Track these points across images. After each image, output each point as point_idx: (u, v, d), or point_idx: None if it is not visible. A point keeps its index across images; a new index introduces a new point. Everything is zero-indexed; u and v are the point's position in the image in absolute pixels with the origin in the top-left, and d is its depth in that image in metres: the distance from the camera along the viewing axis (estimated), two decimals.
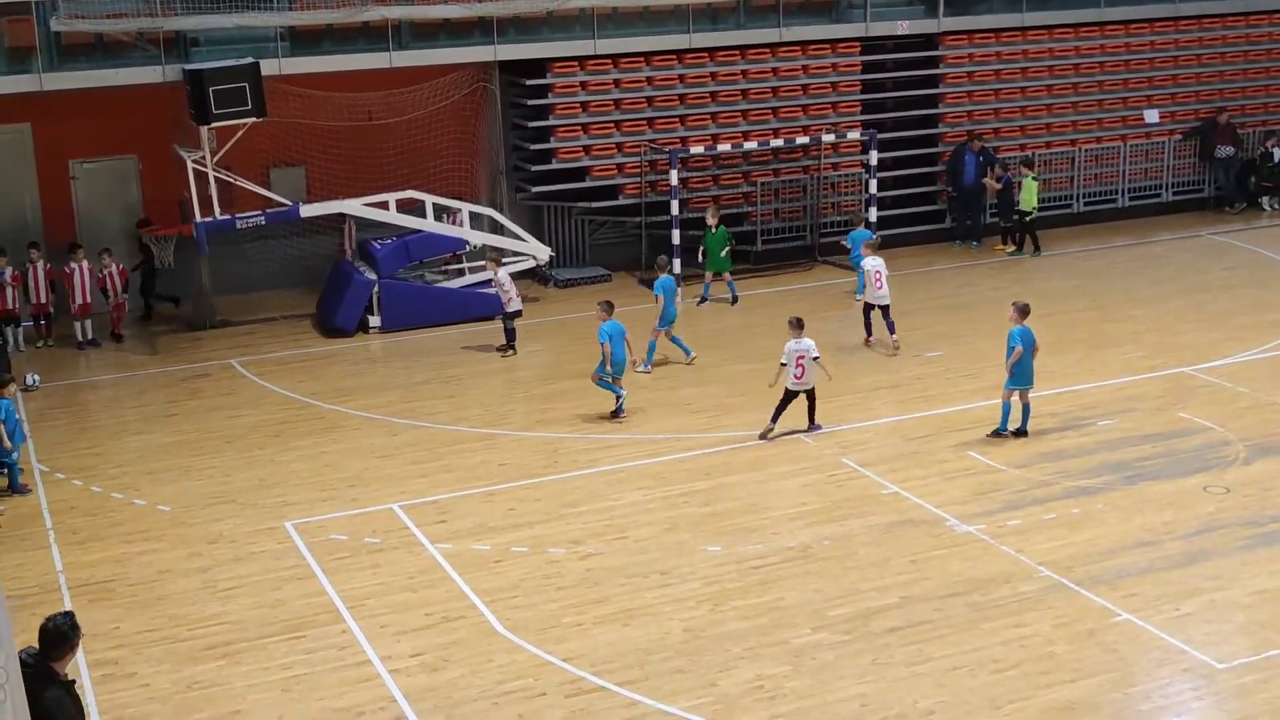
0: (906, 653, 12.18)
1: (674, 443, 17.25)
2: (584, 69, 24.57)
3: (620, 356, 17.97)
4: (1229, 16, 29.00)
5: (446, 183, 24.27)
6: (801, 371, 17.13)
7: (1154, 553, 13.96)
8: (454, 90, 24.24)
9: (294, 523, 15.26)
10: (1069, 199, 28.02)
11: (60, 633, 8.86)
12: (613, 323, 17.98)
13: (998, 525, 14.63)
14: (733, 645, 12.41)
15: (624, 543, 14.53)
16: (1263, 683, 11.58)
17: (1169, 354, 19.99)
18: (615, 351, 17.89)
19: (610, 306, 18.22)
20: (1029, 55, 27.60)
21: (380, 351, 21.66)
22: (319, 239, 24.02)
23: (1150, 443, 16.76)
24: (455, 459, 16.98)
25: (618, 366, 17.95)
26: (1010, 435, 16.96)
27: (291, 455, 17.26)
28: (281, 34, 22.62)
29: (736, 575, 13.72)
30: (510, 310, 20.94)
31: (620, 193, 25.01)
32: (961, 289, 23.93)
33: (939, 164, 27.04)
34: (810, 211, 25.98)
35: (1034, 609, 12.89)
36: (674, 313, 20.18)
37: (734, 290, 23.25)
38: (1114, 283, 23.99)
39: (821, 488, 15.79)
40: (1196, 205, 28.90)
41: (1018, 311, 17.09)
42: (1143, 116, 28.48)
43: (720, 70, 25.38)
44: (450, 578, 13.85)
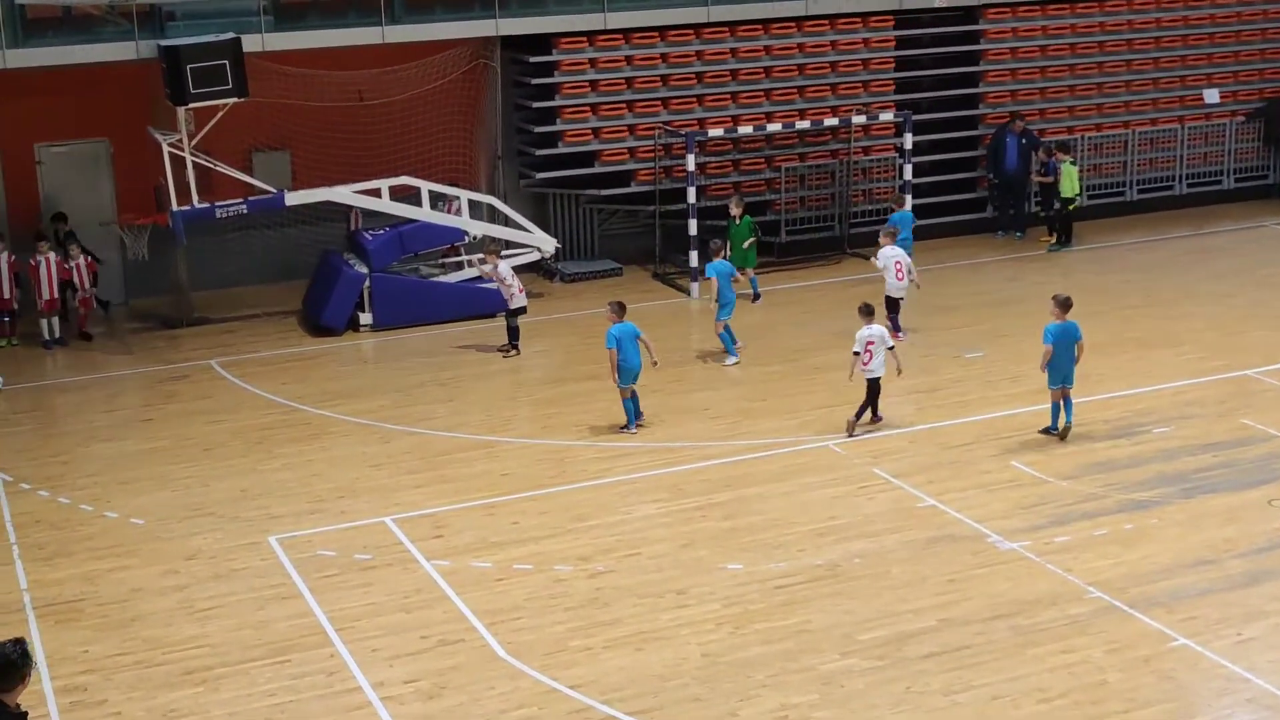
0: (944, 680, 12.16)
1: (691, 451, 17.25)
2: (593, 45, 24.59)
3: (634, 363, 17.83)
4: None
5: (444, 168, 24.29)
6: (869, 358, 17.36)
7: (1214, 572, 13.92)
8: (452, 68, 24.27)
9: (278, 537, 15.27)
10: (1121, 186, 27.97)
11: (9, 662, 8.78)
12: (624, 325, 17.85)
13: (1044, 542, 14.60)
14: (755, 672, 12.40)
15: (637, 560, 14.53)
16: None
17: (1231, 355, 19.94)
18: (628, 357, 17.72)
19: (622, 307, 18.05)
20: (1077, 30, 27.55)
21: (372, 351, 21.69)
22: (305, 229, 24.06)
23: (1210, 452, 16.72)
24: (453, 468, 16.99)
25: (627, 374, 17.77)
26: (1055, 435, 17.07)
27: (276, 464, 17.29)
28: (264, 7, 22.66)
29: (759, 595, 13.71)
30: (514, 307, 20.97)
31: (632, 179, 25.02)
32: (1005, 284, 23.91)
33: (979, 148, 27.00)
34: (839, 199, 25.96)
35: (1083, 633, 12.86)
36: (732, 298, 20.17)
37: (756, 287, 23.24)
38: (1170, 277, 23.95)
39: (852, 500, 15.78)
40: (1261, 193, 28.83)
41: (1058, 305, 17.11)
42: (1202, 96, 28.40)
43: (741, 46, 25.38)
44: (448, 597, 13.85)
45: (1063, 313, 17.06)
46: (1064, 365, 17.00)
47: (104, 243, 23.07)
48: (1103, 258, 25.34)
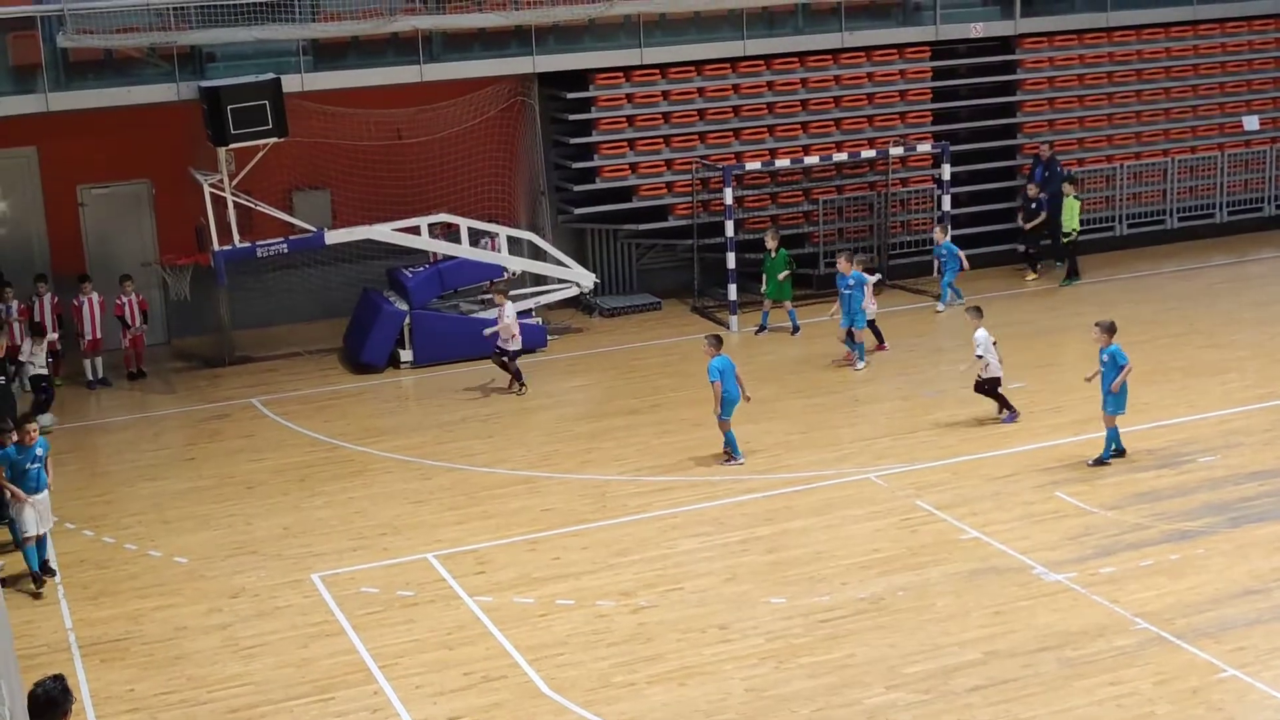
0: (991, 713, 12.07)
1: (733, 485, 17.23)
2: (630, 80, 24.70)
3: (735, 394, 17.79)
4: None
5: (483, 205, 24.44)
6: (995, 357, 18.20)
7: (1262, 602, 13.79)
8: (490, 105, 24.42)
9: (321, 575, 15.32)
10: (1162, 214, 27.85)
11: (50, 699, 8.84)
12: (722, 358, 17.83)
13: (1089, 573, 14.50)
14: (799, 706, 12.34)
15: (679, 594, 14.50)
16: None
17: (1275, 383, 19.80)
18: (729, 389, 17.71)
19: (719, 341, 18.06)
20: (1115, 59, 27.51)
21: (412, 388, 21.77)
22: (345, 267, 24.21)
23: (1256, 481, 16.58)
24: (495, 504, 17.02)
25: (729, 405, 17.76)
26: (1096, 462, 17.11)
27: (318, 501, 17.36)
28: (304, 47, 22.88)
29: (803, 629, 13.65)
30: (511, 349, 20.77)
31: (670, 213, 25.09)
32: (1043, 314, 23.82)
33: (1018, 178, 26.93)
34: (878, 231, 25.94)
35: (1131, 664, 12.75)
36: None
37: (794, 319, 23.24)
38: (1212, 305, 23.82)
39: (894, 533, 15.71)
40: None
41: (1103, 331, 17.05)
42: (1241, 124, 28.28)
43: (777, 79, 25.44)
44: (490, 634, 13.85)
45: (1109, 337, 17.07)
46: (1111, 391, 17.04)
47: (146, 283, 23.27)
48: (1144, 286, 25.22)
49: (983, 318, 18.94)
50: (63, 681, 8.98)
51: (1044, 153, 26.15)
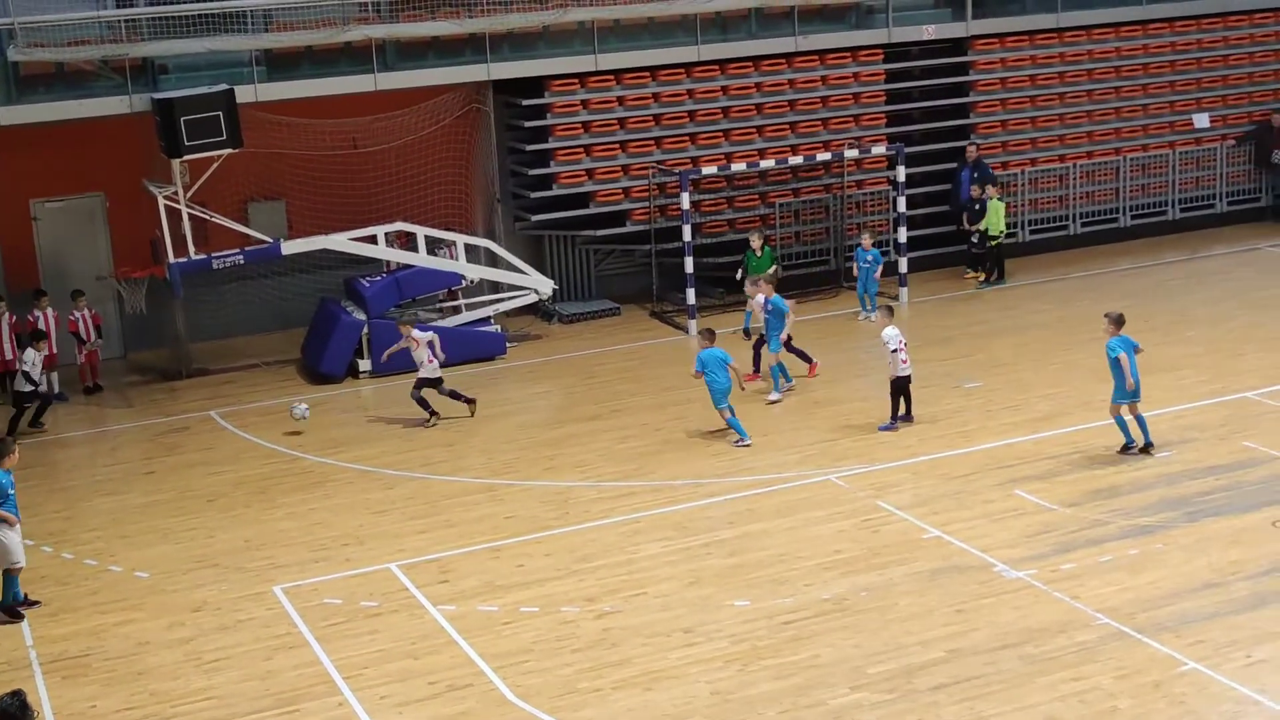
0: (956, 711, 12.14)
1: (694, 489, 17.26)
2: (585, 86, 24.72)
3: (723, 383, 18.36)
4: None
5: (439, 213, 24.40)
6: (907, 357, 18.30)
7: (1221, 595, 13.91)
8: (445, 113, 24.39)
9: (284, 587, 15.26)
10: (1115, 212, 28.07)
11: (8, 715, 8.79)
12: (711, 350, 18.44)
13: (1050, 570, 14.60)
14: (765, 708, 12.38)
15: (643, 599, 14.52)
16: None
17: (1229, 378, 19.98)
18: (717, 379, 18.30)
19: (711, 334, 18.85)
20: (1066, 59, 27.72)
21: (372, 398, 21.72)
22: (302, 278, 24.12)
23: (1213, 475, 16.74)
24: (457, 513, 17.00)
25: (718, 394, 18.36)
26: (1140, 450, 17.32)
27: (279, 513, 17.29)
28: (257, 58, 22.82)
29: (767, 631, 13.70)
30: (428, 377, 20.04)
31: (627, 219, 25.12)
32: (1002, 313, 23.96)
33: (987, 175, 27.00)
34: (834, 234, 26.05)
35: (1093, 660, 12.85)
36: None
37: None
38: (1166, 302, 24.02)
39: (856, 533, 15.78)
40: (1253, 216, 28.96)
41: (1112, 322, 17.34)
42: (1192, 121, 28.55)
43: (732, 84, 25.52)
44: (455, 642, 13.83)
45: (1117, 328, 17.29)
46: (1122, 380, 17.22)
47: (102, 296, 23.13)
48: (1098, 284, 25.41)
49: (893, 316, 18.95)
50: (21, 696, 8.92)
51: (971, 154, 26.21)
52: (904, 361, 18.53)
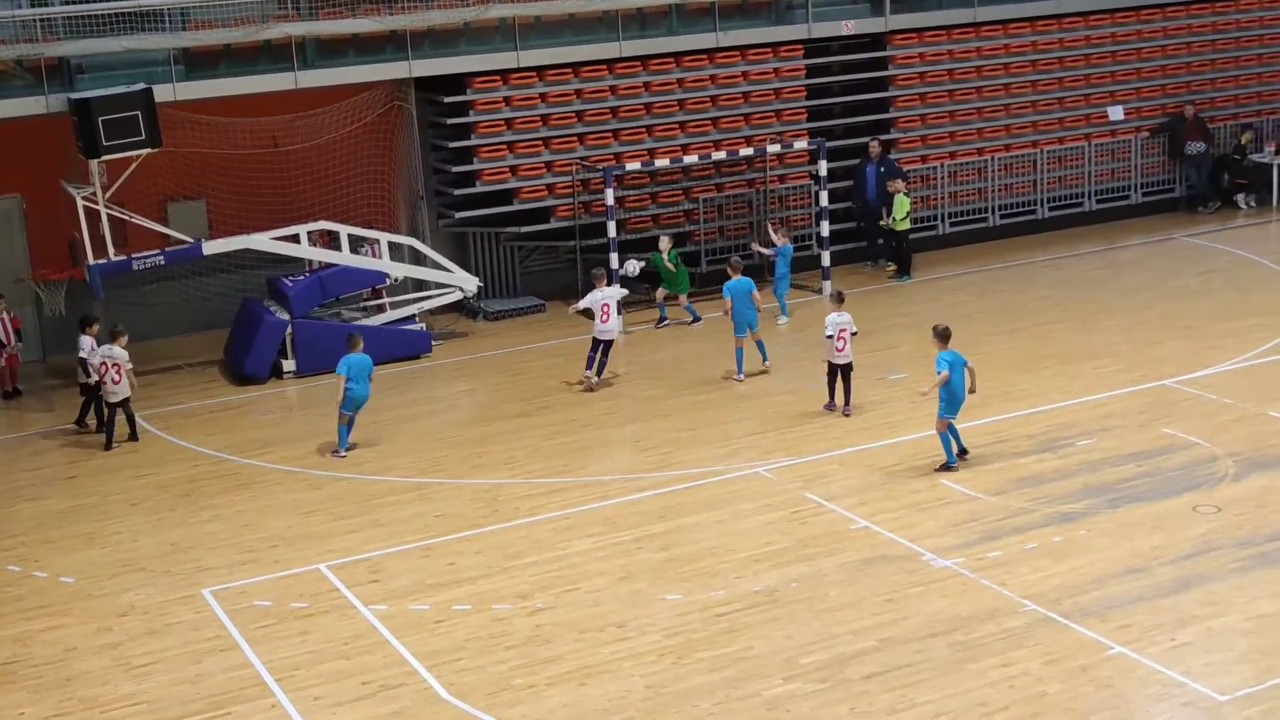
0: (888, 699, 12.25)
1: (624, 484, 17.29)
2: (507, 83, 24.66)
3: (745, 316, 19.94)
4: (1193, 4, 29.59)
5: (362, 211, 24.24)
6: (843, 345, 18.38)
7: (1144, 580, 14.13)
8: (366, 111, 24.24)
9: (212, 589, 15.12)
10: (1033, 205, 28.39)
11: None
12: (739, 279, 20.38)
13: (977, 558, 14.76)
14: (700, 700, 12.43)
15: (575, 595, 14.53)
16: (1267, 714, 11.74)
17: (1148, 367, 20.29)
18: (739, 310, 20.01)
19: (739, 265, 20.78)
20: (983, 53, 27.99)
21: (297, 398, 21.56)
22: (224, 278, 23.87)
23: (1133, 462, 16.99)
24: (386, 512, 16.92)
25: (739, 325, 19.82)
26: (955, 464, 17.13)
27: (205, 516, 17.13)
28: (175, 57, 22.55)
29: (700, 624, 13.75)
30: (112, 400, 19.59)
31: (552, 215, 25.09)
32: (924, 305, 24.17)
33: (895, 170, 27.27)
34: (757, 228, 26.15)
35: (1021, 646, 13.01)
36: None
37: (693, 311, 23.72)
38: (1085, 292, 24.34)
39: (786, 525, 15.87)
40: (1168, 206, 29.39)
41: (938, 337, 17.28)
42: (1107, 114, 28.93)
43: (654, 80, 25.56)
44: (387, 642, 13.78)
45: (943, 343, 17.21)
46: (958, 395, 17.07)
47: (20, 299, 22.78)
48: (1018, 275, 25.70)
49: (842, 303, 19.19)
50: None
51: (874, 150, 26.37)
52: (838, 349, 18.72)
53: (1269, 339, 21.07)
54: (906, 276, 25.68)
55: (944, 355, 17.09)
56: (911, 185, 26.18)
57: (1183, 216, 28.99)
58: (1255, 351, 20.61)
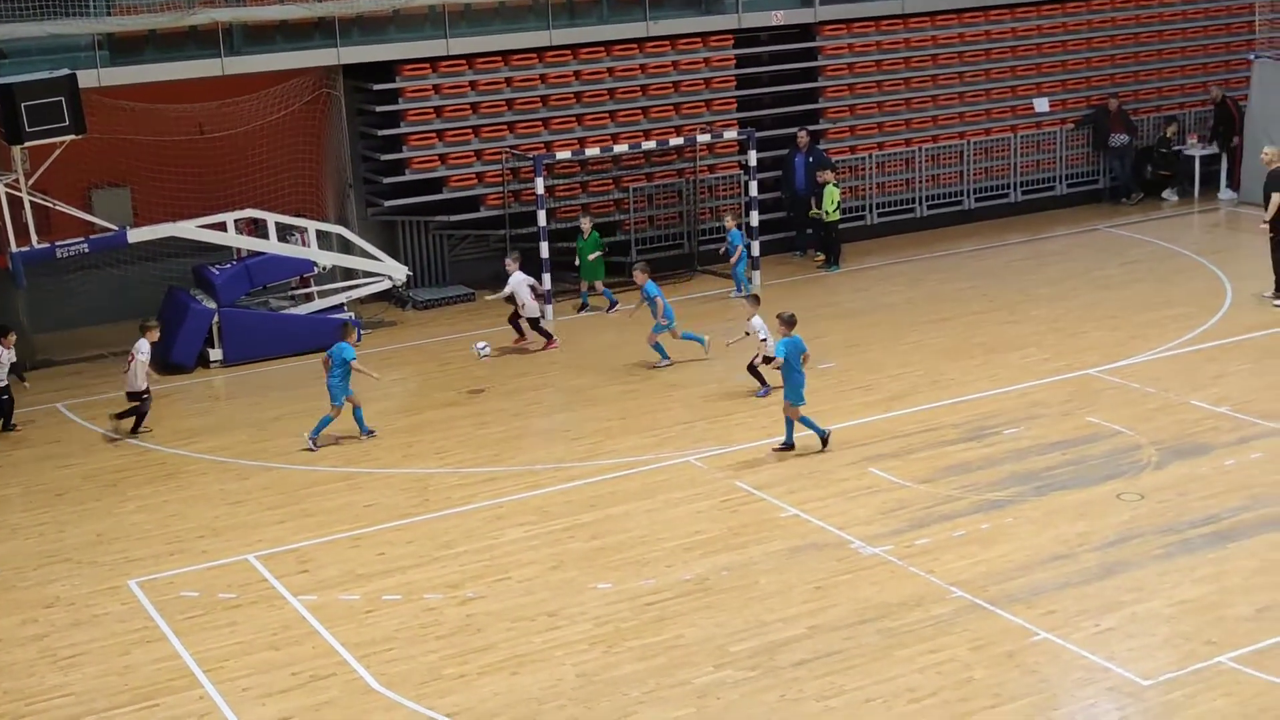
0: (817, 686, 12.35)
1: (554, 474, 17.30)
2: (436, 71, 24.56)
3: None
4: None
5: (290, 199, 24.08)
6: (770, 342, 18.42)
7: (1069, 566, 14.32)
8: (294, 98, 24.07)
9: (139, 580, 15.00)
10: (959, 195, 28.63)
11: None
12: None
13: (905, 545, 14.90)
14: (631, 689, 12.47)
15: (506, 584, 14.53)
16: (1190, 698, 11.94)
17: (1072, 356, 20.53)
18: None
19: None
20: (911, 44, 28.17)
21: (224, 387, 21.40)
22: (149, 266, 23.62)
23: (1059, 450, 17.20)
24: (315, 502, 16.84)
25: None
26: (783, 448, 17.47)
27: (131, 506, 16.98)
28: (100, 42, 22.27)
29: (630, 613, 13.79)
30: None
31: (481, 204, 25.02)
32: (853, 294, 24.34)
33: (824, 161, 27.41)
34: (687, 218, 26.23)
35: (949, 632, 13.15)
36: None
37: (610, 296, 23.71)
38: (1010, 282, 24.59)
39: (715, 514, 15.95)
40: (1092, 198, 29.73)
41: (783, 323, 17.47)
42: (1032, 106, 29.22)
43: (585, 68, 25.54)
44: (317, 632, 13.72)
45: (787, 329, 17.39)
46: (797, 382, 17.26)
47: None
48: (945, 265, 25.92)
49: (759, 306, 19.33)
50: None
51: (803, 140, 26.49)
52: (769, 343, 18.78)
53: (1191, 329, 21.40)
54: (835, 266, 25.84)
55: (782, 342, 17.29)
56: (840, 176, 26.35)
57: (1107, 208, 29.34)
58: (1177, 341, 20.92)
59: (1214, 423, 17.82)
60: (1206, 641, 12.78)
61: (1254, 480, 16.11)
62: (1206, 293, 23.18)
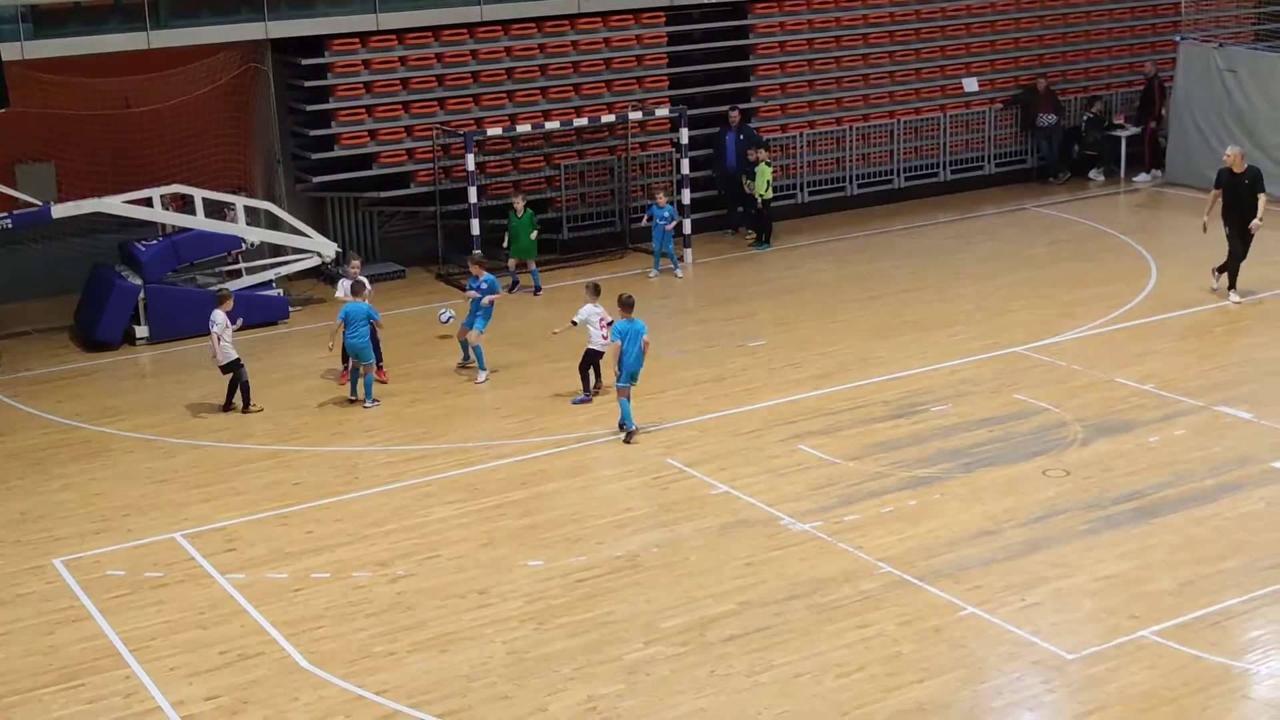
0: (747, 662, 12.41)
1: (485, 451, 17.25)
2: (366, 46, 24.35)
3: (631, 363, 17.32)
4: None
5: (218, 175, 23.83)
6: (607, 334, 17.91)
7: (996, 542, 14.46)
8: (222, 73, 23.80)
9: (63, 559, 14.83)
10: (890, 174, 28.76)
11: None
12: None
13: (834, 521, 14.99)
14: (561, 665, 12.48)
15: (437, 562, 14.49)
16: (1113, 671, 12.10)
17: (1000, 334, 20.70)
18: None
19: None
20: (842, 23, 28.22)
21: (150, 365, 21.17)
22: (74, 242, 23.31)
23: (986, 427, 17.35)
24: (243, 480, 16.71)
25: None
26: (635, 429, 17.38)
27: (56, 484, 16.77)
28: (23, 13, 21.89)
29: (561, 590, 13.79)
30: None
31: (411, 180, 24.87)
32: (783, 272, 24.40)
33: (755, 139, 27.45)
34: (619, 195, 26.19)
35: (877, 608, 13.25)
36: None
37: (537, 279, 23.49)
38: (939, 261, 24.74)
39: (646, 491, 15.97)
40: (1020, 177, 29.95)
41: (621, 306, 17.43)
42: (962, 85, 29.38)
43: (516, 45, 25.41)
44: (245, 611, 13.63)
45: (626, 312, 17.32)
46: (629, 363, 17.21)
47: None
48: (875, 244, 26.04)
49: (599, 296, 18.52)
50: None
51: (734, 118, 26.50)
52: (604, 338, 18.13)
53: (1116, 307, 21.62)
54: (766, 244, 25.90)
55: (618, 325, 17.29)
56: (772, 154, 26.39)
57: (1034, 187, 29.56)
58: (1103, 319, 21.14)
59: (1139, 400, 18.03)
60: (1130, 616, 12.95)
61: (1177, 457, 16.32)
62: (1132, 272, 23.43)
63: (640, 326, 17.29)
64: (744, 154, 25.89)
